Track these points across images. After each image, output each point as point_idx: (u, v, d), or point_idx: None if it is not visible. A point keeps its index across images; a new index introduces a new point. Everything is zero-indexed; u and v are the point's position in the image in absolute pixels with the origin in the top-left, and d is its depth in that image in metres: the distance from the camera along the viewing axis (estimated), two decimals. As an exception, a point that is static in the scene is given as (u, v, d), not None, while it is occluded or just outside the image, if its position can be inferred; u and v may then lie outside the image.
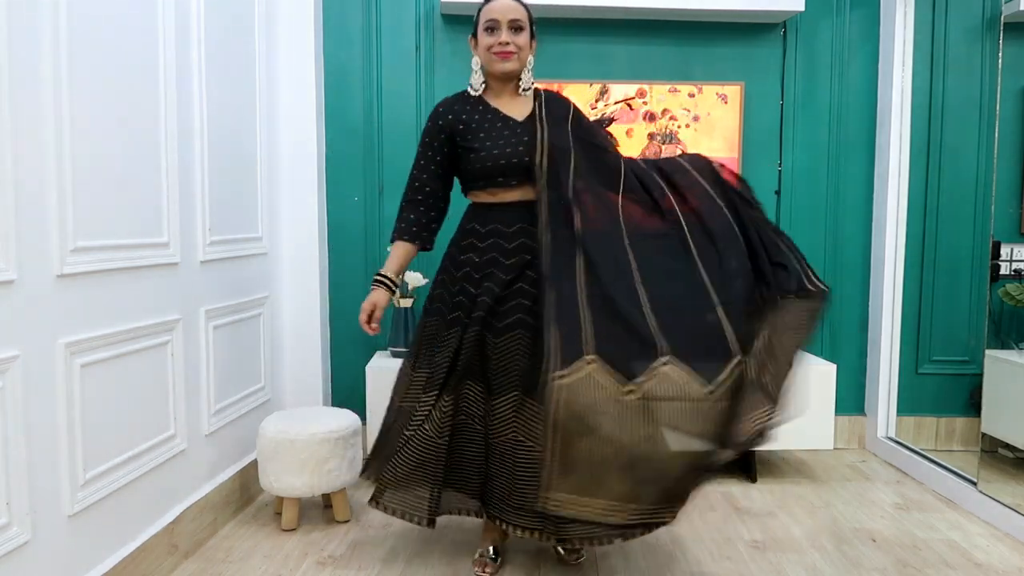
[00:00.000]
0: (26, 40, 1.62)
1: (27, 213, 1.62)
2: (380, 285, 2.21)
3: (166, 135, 2.17)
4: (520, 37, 2.04)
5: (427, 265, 3.22)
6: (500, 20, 2.02)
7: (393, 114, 3.21)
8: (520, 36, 2.04)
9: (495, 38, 2.03)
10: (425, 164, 2.18)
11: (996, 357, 2.85)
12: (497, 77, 2.09)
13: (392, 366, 2.93)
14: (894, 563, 2.30)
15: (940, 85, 3.21)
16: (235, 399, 2.65)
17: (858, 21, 3.29)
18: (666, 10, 3.10)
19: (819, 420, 2.97)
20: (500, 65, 2.05)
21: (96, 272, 1.86)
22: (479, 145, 2.06)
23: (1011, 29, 2.78)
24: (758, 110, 3.29)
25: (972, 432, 3.10)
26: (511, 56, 2.03)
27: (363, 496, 2.82)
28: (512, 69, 2.06)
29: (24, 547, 1.62)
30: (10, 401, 1.58)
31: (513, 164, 2.04)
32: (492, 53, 2.04)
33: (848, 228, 3.36)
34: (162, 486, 2.19)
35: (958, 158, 3.22)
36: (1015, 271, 3.04)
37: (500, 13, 2.02)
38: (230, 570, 2.23)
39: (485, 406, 2.07)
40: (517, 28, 2.03)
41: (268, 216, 2.92)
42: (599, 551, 2.37)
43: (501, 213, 2.09)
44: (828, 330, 3.39)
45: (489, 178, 2.07)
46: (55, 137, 1.70)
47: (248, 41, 2.74)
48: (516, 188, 2.07)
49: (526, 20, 2.06)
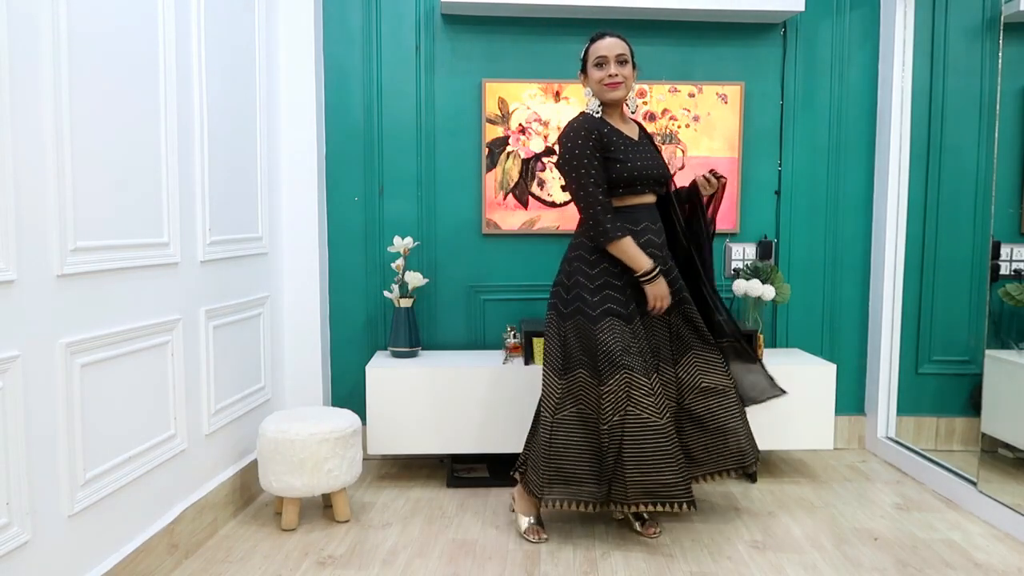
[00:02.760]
0: (26, 40, 1.62)
1: (27, 213, 1.62)
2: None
3: (166, 135, 2.17)
4: (625, 69, 2.37)
5: (427, 265, 3.22)
6: (608, 56, 2.34)
7: (393, 114, 3.21)
8: (625, 68, 2.37)
9: (605, 71, 2.35)
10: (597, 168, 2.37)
11: (996, 357, 2.85)
12: (607, 104, 2.41)
13: (392, 366, 2.94)
14: (894, 563, 2.30)
15: (940, 85, 3.20)
16: (235, 399, 2.65)
17: (858, 21, 3.29)
18: (666, 10, 3.10)
19: (819, 420, 2.97)
20: (611, 94, 2.37)
21: (96, 272, 1.86)
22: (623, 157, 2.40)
23: (1011, 29, 2.78)
24: (758, 110, 3.29)
25: (972, 432, 3.09)
26: (619, 86, 2.36)
27: (363, 496, 2.83)
28: (620, 97, 2.39)
29: (24, 547, 1.63)
30: (10, 401, 1.58)
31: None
32: (604, 84, 2.36)
33: (848, 228, 3.36)
34: (162, 486, 2.19)
35: (958, 158, 3.22)
36: (1015, 271, 3.04)
37: (608, 50, 2.35)
38: (230, 570, 2.23)
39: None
40: (623, 62, 2.36)
41: (268, 216, 2.92)
42: (599, 551, 2.37)
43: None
44: (828, 330, 3.39)
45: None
46: (55, 137, 1.70)
47: (248, 41, 2.74)
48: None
49: (629, 54, 2.39)
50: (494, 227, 3.23)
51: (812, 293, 3.37)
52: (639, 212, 2.41)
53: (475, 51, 3.20)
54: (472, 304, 3.28)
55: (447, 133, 3.22)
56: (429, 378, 2.88)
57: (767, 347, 3.29)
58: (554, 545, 2.41)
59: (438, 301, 3.27)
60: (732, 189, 3.26)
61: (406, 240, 3.06)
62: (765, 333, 3.29)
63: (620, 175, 2.34)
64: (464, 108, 3.21)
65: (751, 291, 3.05)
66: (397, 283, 3.06)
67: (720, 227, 3.26)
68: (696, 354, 2.48)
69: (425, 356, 3.12)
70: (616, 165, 2.34)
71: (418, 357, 3.09)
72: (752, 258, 3.31)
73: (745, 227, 3.32)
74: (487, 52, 3.20)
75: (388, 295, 3.07)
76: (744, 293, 3.08)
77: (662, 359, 2.46)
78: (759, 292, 3.04)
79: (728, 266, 3.32)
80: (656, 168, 2.42)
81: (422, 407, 2.89)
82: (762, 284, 3.06)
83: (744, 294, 3.08)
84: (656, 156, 2.47)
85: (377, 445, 2.90)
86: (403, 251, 3.05)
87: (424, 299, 3.23)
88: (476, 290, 3.27)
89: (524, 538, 2.44)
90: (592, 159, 2.32)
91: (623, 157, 2.35)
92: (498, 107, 3.18)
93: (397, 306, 3.05)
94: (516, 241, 3.26)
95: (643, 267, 2.33)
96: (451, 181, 3.23)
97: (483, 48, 3.20)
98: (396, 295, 3.05)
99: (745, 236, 3.33)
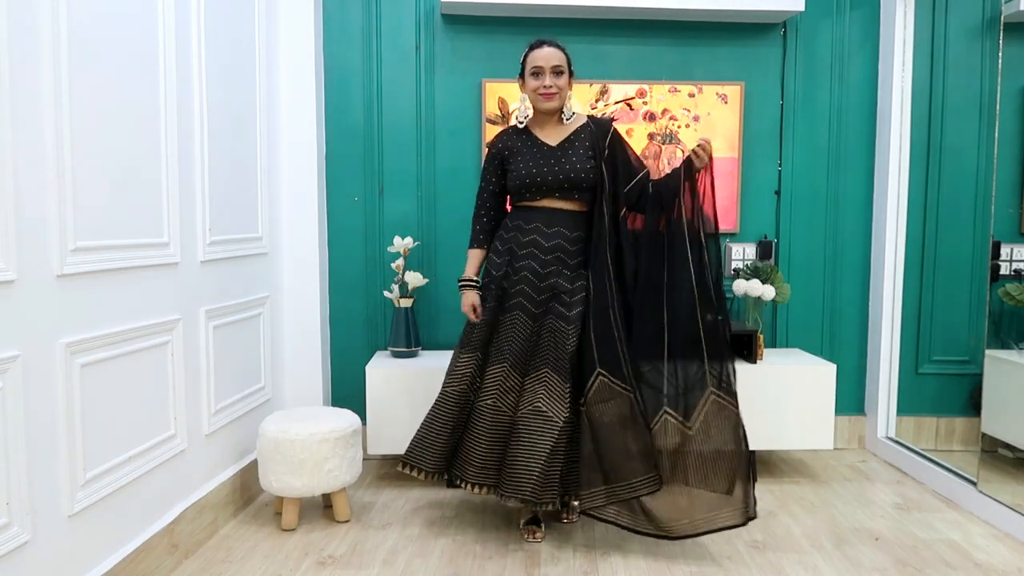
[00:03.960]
0: (26, 41, 1.62)
1: (27, 213, 1.62)
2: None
3: (166, 135, 2.17)
4: (560, 80, 2.41)
5: (427, 265, 3.22)
6: (544, 67, 2.39)
7: (393, 114, 3.21)
8: (560, 79, 2.41)
9: (540, 81, 2.40)
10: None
11: (996, 357, 2.85)
12: (542, 112, 2.48)
13: (392, 366, 2.93)
14: (894, 563, 2.30)
15: (940, 85, 3.20)
16: (235, 399, 2.65)
17: (858, 21, 3.29)
18: (666, 10, 3.10)
19: (819, 420, 2.97)
20: (545, 104, 2.43)
21: (96, 272, 1.86)
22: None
23: (1011, 29, 2.78)
24: (758, 110, 3.29)
25: (972, 432, 3.09)
26: (553, 96, 2.41)
27: (363, 496, 2.83)
28: (554, 107, 2.44)
29: (24, 547, 1.62)
30: (10, 401, 1.58)
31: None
32: (538, 94, 2.42)
33: (848, 228, 3.36)
34: (162, 486, 2.19)
35: (958, 158, 3.22)
36: (1015, 271, 3.04)
37: (544, 60, 2.39)
38: (230, 570, 2.23)
39: None
40: (558, 72, 2.40)
41: (268, 216, 2.92)
42: (599, 551, 2.37)
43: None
44: (828, 330, 3.39)
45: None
46: (55, 137, 1.70)
47: (248, 41, 2.74)
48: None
49: (565, 64, 2.42)
50: (494, 227, 3.23)
51: (812, 293, 3.37)
52: (534, 214, 2.47)
53: (475, 51, 3.20)
54: (472, 304, 3.28)
55: (447, 133, 3.22)
56: (429, 378, 2.88)
57: (767, 347, 3.29)
58: (554, 545, 2.41)
59: (438, 301, 3.26)
60: (732, 189, 3.27)
61: (406, 240, 3.06)
62: (765, 333, 3.29)
63: (511, 182, 2.48)
64: (464, 108, 3.21)
65: (751, 291, 3.05)
66: (397, 283, 3.06)
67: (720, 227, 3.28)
68: (547, 374, 2.35)
69: (425, 356, 3.12)
70: (511, 173, 2.48)
71: (418, 357, 3.09)
72: (752, 258, 3.31)
73: (745, 227, 3.32)
74: (487, 52, 3.20)
75: (388, 295, 3.07)
76: (744, 293, 3.08)
77: (511, 361, 2.42)
78: (759, 292, 3.04)
79: (728, 266, 3.32)
80: (552, 175, 2.40)
81: (422, 407, 2.87)
82: (762, 284, 3.06)
83: (744, 294, 3.08)
84: (566, 163, 2.41)
85: (377, 445, 2.90)
86: (403, 251, 3.05)
87: (424, 299, 3.23)
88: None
89: (522, 540, 2.45)
90: (488, 171, 2.55)
91: (514, 165, 2.47)
92: (498, 107, 3.18)
93: (397, 306, 3.05)
94: (516, 241, 3.26)
95: (466, 273, 2.55)
96: (451, 181, 3.23)
97: (483, 48, 3.20)
98: (396, 295, 3.05)
99: (745, 236, 3.33)
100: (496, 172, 2.53)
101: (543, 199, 2.45)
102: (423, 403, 2.88)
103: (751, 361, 3.00)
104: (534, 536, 2.44)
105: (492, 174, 2.54)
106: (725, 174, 3.25)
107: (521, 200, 2.49)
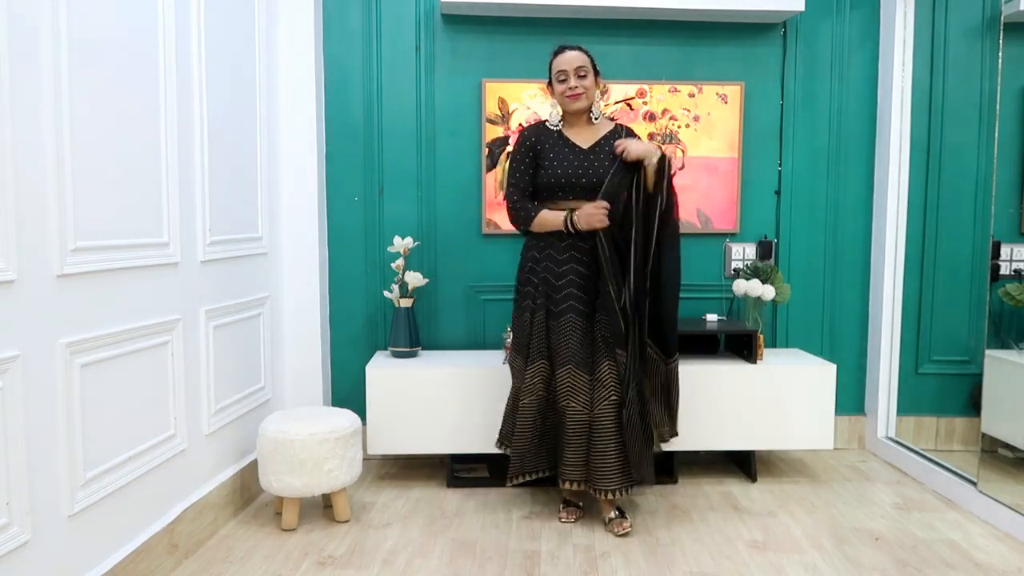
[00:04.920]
0: (27, 40, 1.62)
1: (27, 213, 1.62)
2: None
3: (166, 135, 2.17)
4: (585, 81, 2.51)
5: (427, 265, 3.22)
6: (568, 70, 2.49)
7: (393, 114, 3.21)
8: (585, 80, 2.50)
9: (565, 85, 2.50)
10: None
11: (996, 357, 2.85)
12: (571, 113, 2.57)
13: (392, 366, 2.94)
14: (894, 563, 2.30)
15: (940, 85, 3.20)
16: (235, 399, 2.65)
17: (858, 21, 3.29)
18: (667, 10, 3.10)
19: (819, 420, 2.97)
20: (572, 105, 2.53)
21: (96, 272, 1.86)
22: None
23: (1011, 29, 2.78)
24: (758, 110, 3.29)
25: (972, 432, 3.09)
26: (579, 97, 2.51)
27: (363, 496, 2.83)
28: (581, 107, 2.54)
29: (24, 547, 1.63)
30: (10, 401, 1.58)
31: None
32: (565, 97, 2.52)
33: (848, 228, 3.36)
34: (162, 486, 2.19)
35: (958, 158, 3.21)
36: (1015, 271, 3.04)
37: (568, 64, 2.50)
38: (230, 570, 2.23)
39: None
40: (582, 75, 2.50)
41: (268, 216, 2.92)
42: (599, 551, 2.37)
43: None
44: (828, 330, 3.39)
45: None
46: (55, 137, 1.70)
47: (248, 41, 2.74)
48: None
49: (589, 66, 2.52)
50: (494, 227, 3.23)
51: (812, 293, 3.37)
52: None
53: (475, 51, 3.20)
54: (472, 304, 3.28)
55: (447, 133, 3.22)
56: (429, 378, 2.88)
57: (767, 347, 3.29)
58: (554, 545, 2.41)
59: (438, 301, 3.27)
60: (732, 189, 3.27)
61: (406, 240, 3.06)
62: (765, 333, 3.29)
63: (542, 180, 2.55)
64: (464, 108, 3.21)
65: (751, 291, 3.05)
66: (397, 283, 3.06)
67: (720, 227, 3.29)
68: (608, 367, 2.49)
69: (425, 356, 3.12)
70: (541, 172, 2.56)
71: (418, 357, 3.09)
72: (752, 258, 3.31)
73: (745, 227, 3.32)
74: (487, 52, 3.20)
75: (388, 295, 3.07)
76: (744, 293, 3.08)
77: (574, 362, 2.50)
78: (759, 292, 3.04)
79: (728, 266, 3.32)
80: (586, 177, 2.51)
81: (422, 407, 2.89)
82: (762, 284, 3.06)
83: (744, 294, 3.08)
84: (599, 166, 2.52)
85: (377, 445, 2.90)
86: (403, 251, 3.05)
87: (424, 299, 3.23)
88: (476, 290, 3.27)
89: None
90: (521, 163, 2.58)
91: (548, 164, 2.54)
92: (498, 107, 3.18)
93: (397, 306, 3.05)
94: (516, 241, 3.24)
95: (560, 221, 2.50)
96: (451, 181, 3.23)
97: (483, 48, 3.20)
98: (396, 295, 3.05)
99: (745, 236, 3.33)
100: (527, 160, 2.58)
101: (575, 200, 2.53)
102: (423, 403, 2.89)
103: (751, 361, 3.00)
104: (571, 516, 2.61)
105: (524, 163, 2.58)
106: (725, 174, 3.25)
107: (553, 199, 2.56)
